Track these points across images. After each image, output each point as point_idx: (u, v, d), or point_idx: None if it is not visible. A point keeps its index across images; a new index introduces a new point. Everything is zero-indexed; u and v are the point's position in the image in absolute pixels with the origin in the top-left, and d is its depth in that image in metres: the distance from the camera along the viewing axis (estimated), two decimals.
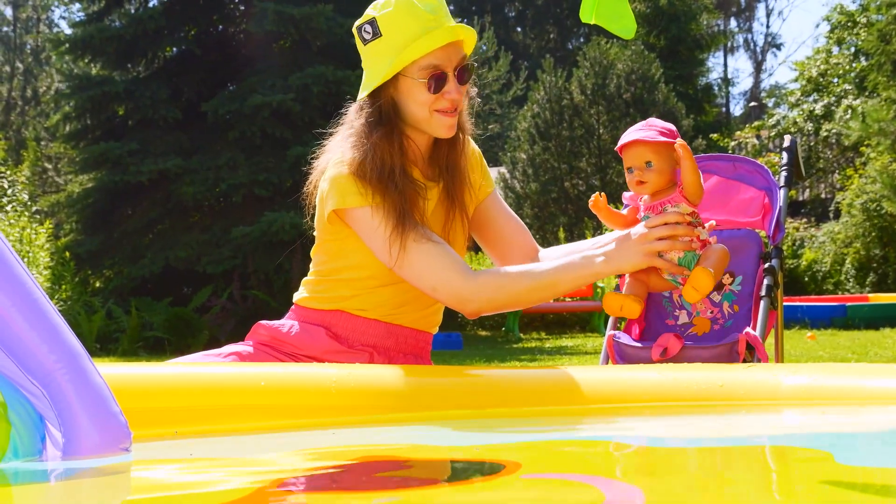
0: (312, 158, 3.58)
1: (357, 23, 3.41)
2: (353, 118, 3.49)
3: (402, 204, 3.35)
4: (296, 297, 3.61)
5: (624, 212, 3.51)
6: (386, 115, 3.40)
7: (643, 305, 3.39)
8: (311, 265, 3.62)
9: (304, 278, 3.62)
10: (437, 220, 3.53)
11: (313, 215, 3.55)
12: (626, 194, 3.44)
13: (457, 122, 3.44)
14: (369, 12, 3.37)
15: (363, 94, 3.41)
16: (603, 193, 3.38)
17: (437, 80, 3.32)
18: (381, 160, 3.35)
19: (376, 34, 3.34)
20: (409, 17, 3.30)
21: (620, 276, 3.66)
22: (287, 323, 3.53)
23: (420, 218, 3.40)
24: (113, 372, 2.69)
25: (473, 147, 3.75)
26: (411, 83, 3.34)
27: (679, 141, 3.28)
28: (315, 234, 3.56)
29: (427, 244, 3.32)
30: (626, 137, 3.39)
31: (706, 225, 3.44)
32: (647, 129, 3.36)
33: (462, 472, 2.19)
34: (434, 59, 3.31)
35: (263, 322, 3.56)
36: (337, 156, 3.42)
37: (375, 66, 3.36)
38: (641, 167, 3.32)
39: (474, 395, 2.99)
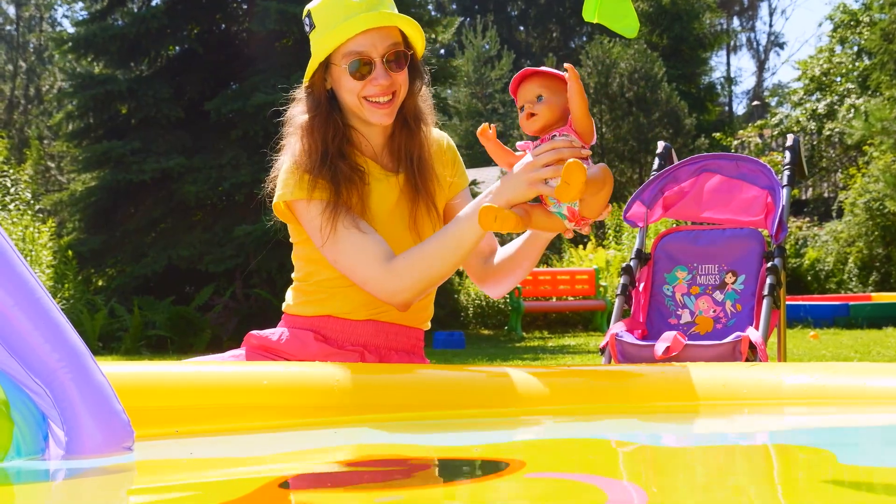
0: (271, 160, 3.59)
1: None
2: (294, 113, 3.52)
3: (336, 188, 3.35)
4: (284, 305, 3.63)
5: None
6: (319, 102, 3.43)
7: (520, 224, 3.13)
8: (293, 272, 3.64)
9: (290, 286, 3.64)
10: (401, 212, 3.51)
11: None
12: (519, 143, 3.26)
13: (394, 111, 3.42)
14: (307, 7, 3.42)
15: (302, 86, 3.49)
16: (493, 125, 3.24)
17: (358, 66, 3.32)
18: (316, 145, 3.38)
19: (312, 26, 3.38)
20: (336, 6, 3.32)
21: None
22: (277, 331, 3.53)
23: (359, 204, 3.40)
24: (112, 371, 2.69)
25: (445, 141, 3.72)
26: (339, 71, 3.36)
27: (567, 65, 3.12)
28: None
29: (356, 235, 3.32)
30: (518, 74, 3.27)
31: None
32: (540, 68, 3.25)
33: (466, 471, 2.19)
34: (357, 45, 3.31)
35: (254, 332, 3.56)
36: (286, 152, 3.48)
37: (312, 56, 3.40)
38: (532, 101, 3.17)
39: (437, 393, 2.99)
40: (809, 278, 24.03)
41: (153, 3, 19.44)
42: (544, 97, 3.15)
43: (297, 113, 3.50)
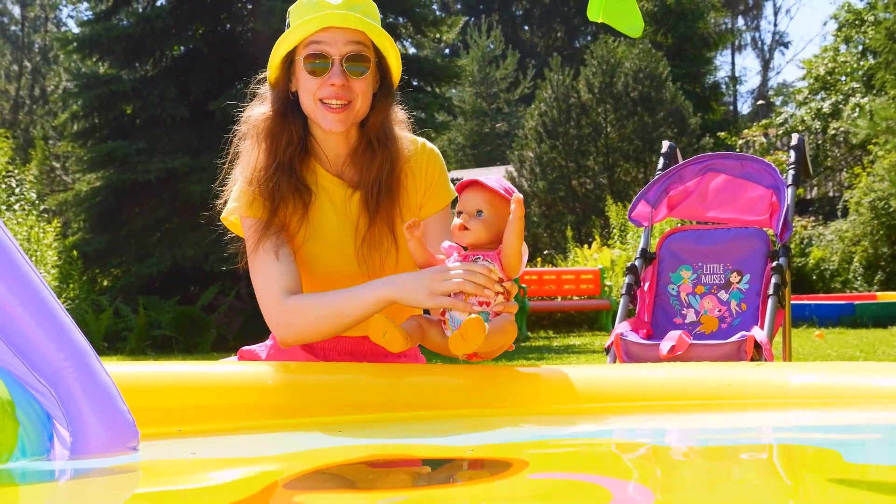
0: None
1: None
2: (253, 112, 3.44)
3: (273, 207, 3.29)
4: None
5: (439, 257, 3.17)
6: (280, 104, 3.35)
7: (408, 345, 2.97)
8: None
9: None
10: (354, 227, 3.39)
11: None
12: (444, 243, 3.13)
13: (348, 119, 3.29)
14: (290, 8, 3.36)
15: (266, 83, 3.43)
16: (419, 222, 3.07)
17: (315, 61, 3.24)
18: (266, 154, 3.32)
19: (288, 25, 3.32)
20: (306, 6, 3.27)
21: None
22: (265, 345, 3.51)
23: (298, 223, 3.33)
24: (114, 371, 2.70)
25: (425, 161, 3.49)
26: (300, 69, 3.29)
27: (515, 195, 2.97)
28: None
29: (270, 261, 3.25)
30: (467, 179, 3.13)
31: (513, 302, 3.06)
32: (492, 180, 3.09)
33: (470, 471, 2.19)
34: (318, 39, 3.24)
35: (245, 347, 3.55)
36: (240, 159, 3.42)
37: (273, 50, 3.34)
38: (471, 213, 3.04)
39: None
40: (814, 277, 24.00)
41: (158, 4, 19.43)
42: (484, 214, 3.04)
43: (257, 112, 3.41)
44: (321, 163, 3.42)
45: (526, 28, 55.63)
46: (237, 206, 3.34)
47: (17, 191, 19.35)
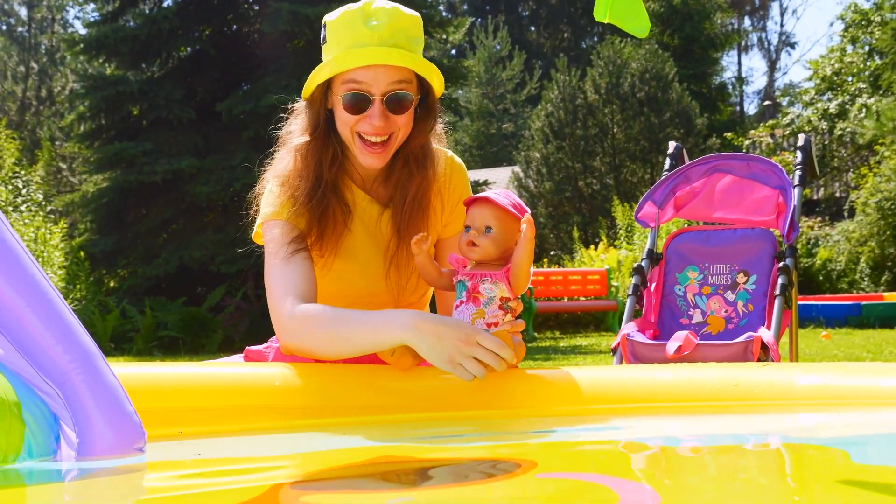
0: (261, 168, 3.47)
1: None
2: (292, 129, 3.36)
3: (318, 228, 3.24)
4: None
5: (445, 270, 3.16)
6: (318, 122, 3.26)
7: (416, 363, 3.00)
8: None
9: None
10: (382, 245, 3.35)
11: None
12: (450, 256, 3.10)
13: (388, 154, 3.22)
14: (326, 17, 3.23)
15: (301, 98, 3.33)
16: (429, 236, 3.09)
17: (354, 100, 3.13)
18: (310, 170, 3.24)
19: (325, 40, 3.21)
20: (346, 29, 3.13)
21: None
22: (272, 346, 3.48)
23: (335, 244, 3.28)
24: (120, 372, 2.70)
25: (453, 178, 3.45)
26: (336, 99, 3.18)
27: (527, 216, 2.98)
28: None
29: (290, 265, 3.17)
30: (478, 195, 3.11)
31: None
32: (501, 196, 3.07)
33: (476, 471, 2.19)
34: (358, 77, 3.11)
35: (251, 347, 3.52)
36: (275, 165, 3.35)
37: (313, 73, 3.21)
38: (480, 229, 3.01)
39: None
40: (821, 278, 23.97)
41: (165, 5, 19.45)
42: (493, 231, 3.02)
43: (295, 130, 3.33)
44: (354, 180, 3.37)
45: (532, 29, 55.66)
46: (276, 212, 3.26)
47: (23, 192, 19.39)
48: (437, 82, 3.25)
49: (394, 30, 3.12)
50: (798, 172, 5.40)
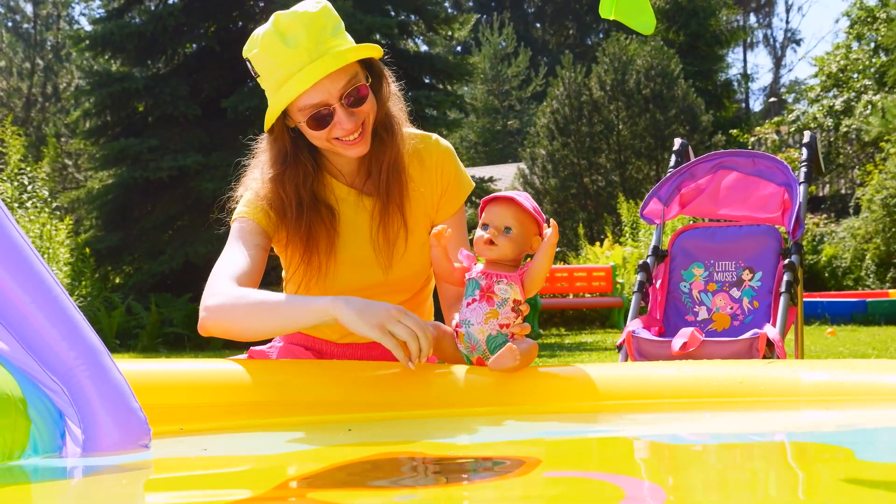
0: (230, 189, 3.49)
1: None
2: (262, 149, 3.39)
3: (307, 242, 3.28)
4: None
5: (457, 265, 3.15)
6: (285, 150, 3.27)
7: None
8: None
9: None
10: (371, 233, 3.36)
11: None
12: (461, 252, 3.14)
13: (368, 139, 3.22)
14: (245, 52, 3.24)
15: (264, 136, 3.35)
16: (449, 230, 3.09)
17: (317, 118, 3.14)
18: (289, 196, 3.25)
19: (256, 74, 3.21)
20: (272, 59, 3.11)
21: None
22: (276, 346, 3.50)
23: (327, 251, 3.30)
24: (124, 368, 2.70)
25: (441, 161, 3.45)
26: (300, 124, 3.19)
27: (553, 222, 2.99)
28: None
29: (237, 249, 3.23)
30: (498, 193, 3.09)
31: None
32: (523, 198, 3.08)
33: (482, 469, 2.19)
34: (310, 98, 3.11)
35: (254, 347, 3.53)
36: (250, 189, 3.36)
37: (268, 108, 3.22)
38: (499, 228, 3.02)
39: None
40: (827, 275, 23.96)
41: (170, 1, 19.44)
42: (513, 231, 3.03)
43: (263, 164, 3.34)
44: (334, 176, 3.38)
45: (538, 25, 55.61)
46: (247, 210, 3.30)
47: (29, 188, 19.37)
48: (374, 53, 3.22)
49: (313, 37, 3.10)
50: (803, 169, 5.40)
